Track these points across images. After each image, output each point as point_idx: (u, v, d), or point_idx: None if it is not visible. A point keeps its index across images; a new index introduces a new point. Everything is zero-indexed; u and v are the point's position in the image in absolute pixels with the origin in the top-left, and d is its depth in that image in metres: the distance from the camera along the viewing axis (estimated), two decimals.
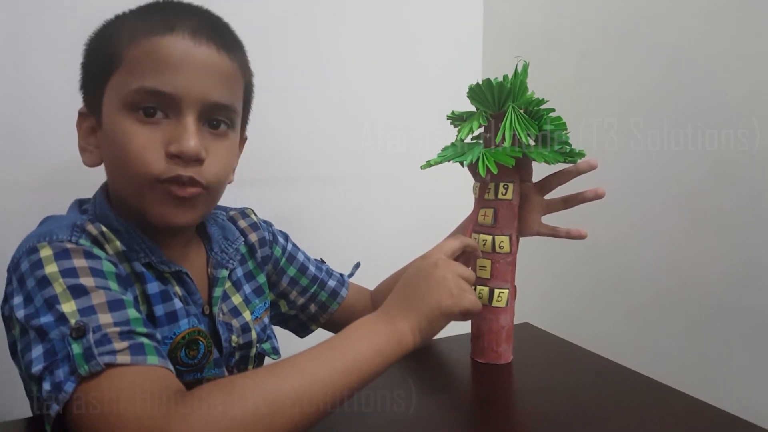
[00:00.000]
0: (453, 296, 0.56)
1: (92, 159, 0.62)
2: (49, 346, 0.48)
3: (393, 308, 0.56)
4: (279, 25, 1.00)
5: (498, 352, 0.67)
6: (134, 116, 0.57)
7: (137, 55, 0.56)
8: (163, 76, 0.56)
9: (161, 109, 0.57)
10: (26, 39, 0.82)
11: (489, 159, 0.60)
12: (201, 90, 0.58)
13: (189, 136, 0.57)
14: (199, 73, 0.57)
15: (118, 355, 0.46)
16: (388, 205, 1.14)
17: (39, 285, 0.51)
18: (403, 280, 0.58)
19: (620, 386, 0.64)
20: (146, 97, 0.56)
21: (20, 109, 0.83)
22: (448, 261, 0.59)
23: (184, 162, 0.57)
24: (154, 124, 0.57)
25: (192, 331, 0.62)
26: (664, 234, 0.92)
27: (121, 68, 0.57)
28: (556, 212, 0.74)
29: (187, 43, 0.57)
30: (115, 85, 0.58)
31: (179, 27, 0.57)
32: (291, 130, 1.03)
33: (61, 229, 0.56)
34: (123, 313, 0.50)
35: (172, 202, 0.58)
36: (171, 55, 0.56)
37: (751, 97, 0.79)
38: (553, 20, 1.11)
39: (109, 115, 0.58)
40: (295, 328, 0.84)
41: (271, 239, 0.78)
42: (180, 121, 0.57)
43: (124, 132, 0.56)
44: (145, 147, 0.56)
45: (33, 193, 0.84)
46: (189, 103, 0.57)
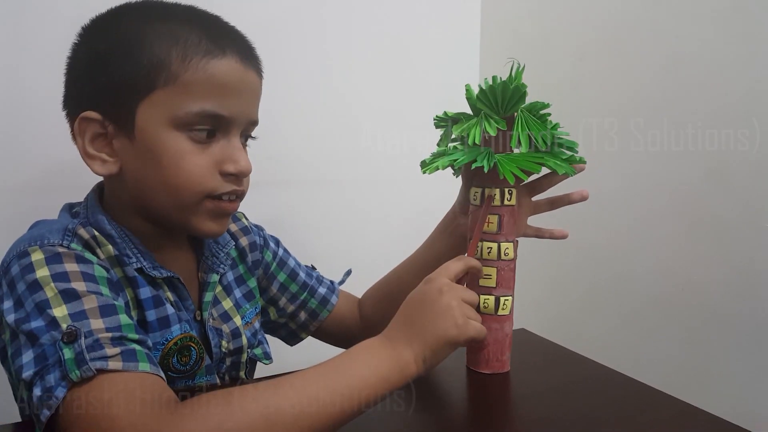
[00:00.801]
0: (458, 326, 0.55)
1: (108, 168, 0.58)
2: (39, 351, 0.47)
3: (397, 335, 0.55)
4: (275, 27, 0.99)
5: (502, 360, 0.67)
6: (188, 135, 0.57)
7: (196, 78, 0.56)
8: (222, 100, 0.57)
9: (217, 131, 0.59)
10: (20, 41, 0.80)
11: (510, 165, 0.59)
12: (249, 112, 0.61)
13: (243, 156, 0.60)
14: (249, 97, 0.61)
15: (109, 360, 0.46)
16: (382, 209, 1.14)
17: (30, 289, 0.50)
18: (408, 304, 0.57)
19: (616, 393, 0.65)
20: (205, 119, 0.57)
21: (11, 112, 0.81)
22: (453, 286, 0.58)
23: (238, 179, 0.60)
24: (209, 144, 0.58)
25: (184, 336, 0.61)
26: (661, 238, 0.93)
27: (175, 86, 0.56)
28: (545, 213, 0.74)
29: (239, 68, 0.59)
30: (163, 101, 0.56)
31: (229, 50, 0.58)
32: (285, 132, 1.01)
33: (52, 232, 0.55)
34: (115, 319, 0.50)
35: (217, 217, 0.61)
36: (229, 81, 0.58)
37: (751, 98, 0.80)
38: (552, 21, 1.12)
39: (152, 130, 0.56)
40: (285, 336, 0.83)
41: (262, 244, 0.77)
42: (230, 141, 0.59)
43: (176, 151, 0.57)
44: (201, 167, 0.58)
45: (23, 196, 0.82)
46: (238, 125, 0.60)
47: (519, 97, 0.60)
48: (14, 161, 0.82)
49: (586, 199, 0.71)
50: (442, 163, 0.63)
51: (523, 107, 0.62)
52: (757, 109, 0.79)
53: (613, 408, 0.61)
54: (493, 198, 0.63)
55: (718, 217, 0.85)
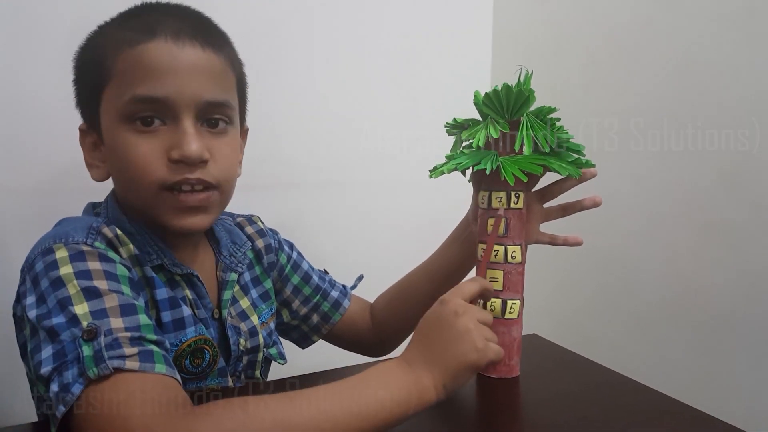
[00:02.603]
0: (478, 350, 0.53)
1: (100, 174, 0.63)
2: (59, 347, 0.47)
3: (416, 358, 0.53)
4: (283, 29, 1.00)
5: (510, 365, 0.66)
6: (132, 127, 0.57)
7: (124, 66, 0.57)
8: (152, 82, 0.56)
9: (158, 117, 0.57)
10: (25, 43, 0.81)
11: (512, 167, 0.60)
12: (193, 91, 0.58)
13: (189, 139, 0.57)
14: (188, 75, 0.58)
15: (127, 360, 0.46)
16: (394, 214, 1.14)
17: (53, 286, 0.51)
18: (424, 327, 0.56)
19: (628, 399, 0.64)
20: (140, 106, 0.56)
21: (20, 113, 0.82)
22: (468, 307, 0.56)
23: (188, 166, 0.58)
24: (153, 132, 0.57)
25: (198, 339, 0.62)
26: (671, 242, 0.92)
27: (112, 81, 0.58)
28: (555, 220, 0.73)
29: (170, 47, 0.57)
30: (109, 98, 0.58)
31: (160, 31, 0.57)
32: (295, 134, 1.02)
33: (77, 230, 0.56)
34: (134, 319, 0.50)
35: (185, 210, 0.59)
36: (157, 61, 0.56)
37: (751, 98, 0.80)
38: (562, 28, 1.12)
39: (108, 129, 0.59)
40: (297, 338, 0.84)
41: (277, 246, 0.79)
42: (178, 126, 0.57)
43: (124, 144, 0.57)
44: (146, 156, 0.57)
45: (33, 197, 0.83)
46: (183, 106, 0.57)
47: (524, 101, 0.61)
48: (25, 163, 0.83)
49: (599, 205, 0.70)
50: (447, 168, 0.63)
51: (529, 111, 0.62)
52: (757, 109, 0.78)
53: (625, 415, 0.60)
54: (498, 227, 0.63)
55: (728, 221, 0.84)
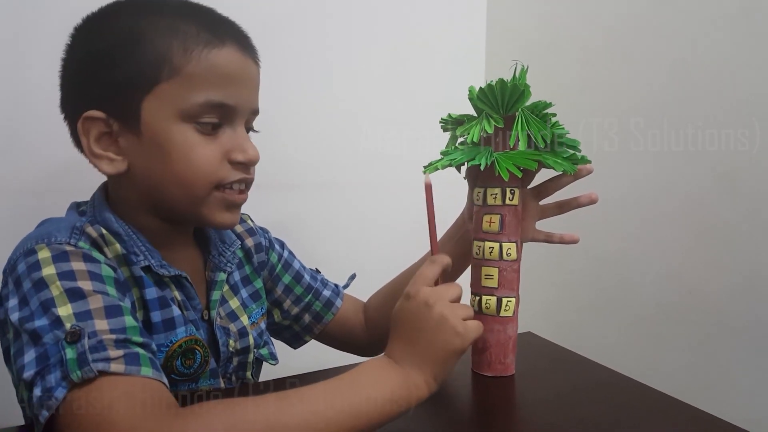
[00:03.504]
0: (459, 334, 0.53)
1: (116, 167, 0.58)
2: (42, 351, 0.46)
3: (402, 356, 0.53)
4: (278, 28, 0.99)
5: (505, 363, 0.66)
6: (195, 127, 0.58)
7: (199, 69, 0.57)
8: (226, 90, 0.58)
9: (222, 121, 0.59)
10: (23, 40, 0.80)
11: (507, 162, 0.59)
12: (251, 101, 0.62)
13: (249, 144, 0.61)
14: (250, 86, 0.62)
15: (112, 363, 0.45)
16: (387, 213, 1.13)
17: (35, 287, 0.49)
18: (400, 324, 0.56)
19: (625, 398, 0.63)
20: (211, 110, 0.58)
21: (15, 112, 0.81)
22: (436, 293, 0.55)
23: (246, 167, 0.61)
24: (212, 134, 0.59)
25: (189, 339, 0.61)
26: (669, 242, 0.92)
27: (177, 79, 0.56)
28: (552, 217, 0.73)
29: (239, 57, 0.60)
30: (168, 94, 0.56)
31: (228, 40, 0.59)
32: (290, 135, 1.01)
33: (60, 230, 0.55)
34: (120, 320, 0.49)
35: (229, 208, 0.61)
36: (231, 70, 0.59)
37: (751, 98, 0.79)
38: (557, 24, 1.11)
39: (158, 124, 0.57)
40: (289, 338, 0.83)
41: (268, 245, 0.78)
42: (236, 131, 0.60)
43: (184, 143, 0.57)
44: (210, 157, 0.58)
45: (28, 197, 0.82)
46: (242, 113, 0.60)
47: (519, 96, 0.60)
48: (20, 162, 0.82)
49: (596, 202, 0.69)
50: (441, 163, 0.63)
51: (524, 107, 0.62)
52: (757, 109, 0.78)
53: (622, 413, 0.60)
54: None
55: (726, 222, 0.84)
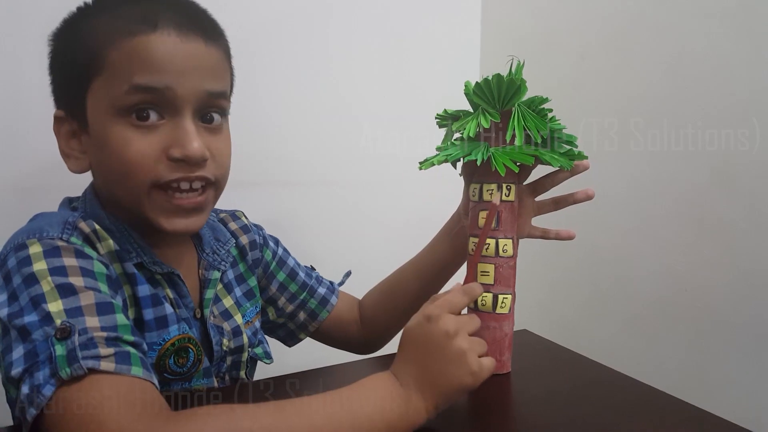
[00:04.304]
0: (474, 373, 0.52)
1: (79, 165, 0.59)
2: (30, 347, 0.45)
3: (407, 379, 0.52)
4: (274, 26, 0.99)
5: (501, 361, 0.65)
6: (127, 121, 0.54)
7: (122, 58, 0.54)
8: (153, 73, 0.54)
9: (155, 111, 0.55)
10: (17, 38, 0.80)
11: (503, 158, 0.58)
12: (194, 84, 0.56)
13: (191, 137, 0.55)
14: (191, 69, 0.56)
15: (102, 361, 0.44)
16: (383, 210, 1.13)
17: (26, 282, 0.49)
18: (413, 344, 0.54)
19: (621, 396, 0.63)
20: (138, 96, 0.54)
21: (8, 109, 0.80)
22: (459, 324, 0.53)
23: (188, 165, 0.56)
24: (150, 128, 0.55)
25: (182, 337, 0.60)
26: (665, 240, 0.92)
27: (105, 72, 0.54)
28: (548, 214, 0.72)
29: (174, 40, 0.54)
30: (100, 89, 0.55)
31: (162, 23, 0.54)
32: (285, 132, 1.01)
33: (52, 225, 0.54)
34: (111, 318, 0.48)
35: (179, 212, 0.57)
36: (160, 55, 0.54)
37: (751, 97, 0.79)
38: (552, 19, 1.11)
39: (97, 121, 0.56)
40: (284, 336, 0.82)
41: (262, 243, 0.77)
42: (178, 123, 0.55)
43: (118, 139, 0.54)
44: (142, 153, 0.54)
45: (20, 193, 0.81)
46: (184, 100, 0.55)
47: (515, 91, 0.60)
48: (12, 158, 0.81)
49: (592, 198, 0.69)
50: (437, 159, 0.62)
51: (521, 101, 0.61)
52: (757, 109, 0.78)
53: (618, 411, 0.59)
54: (491, 219, 0.61)
55: (723, 220, 0.84)
